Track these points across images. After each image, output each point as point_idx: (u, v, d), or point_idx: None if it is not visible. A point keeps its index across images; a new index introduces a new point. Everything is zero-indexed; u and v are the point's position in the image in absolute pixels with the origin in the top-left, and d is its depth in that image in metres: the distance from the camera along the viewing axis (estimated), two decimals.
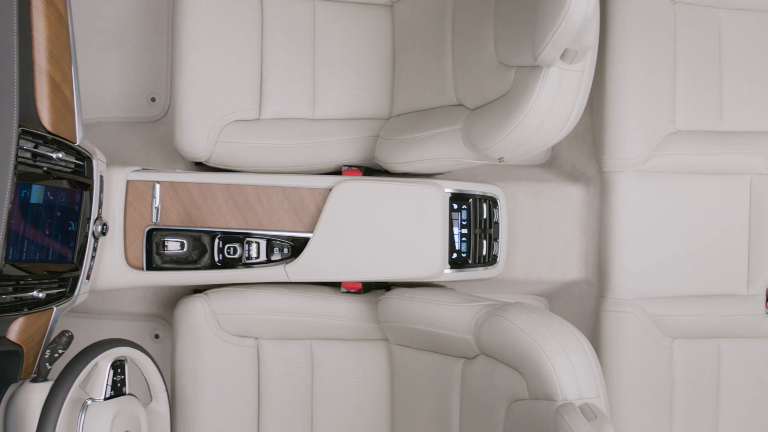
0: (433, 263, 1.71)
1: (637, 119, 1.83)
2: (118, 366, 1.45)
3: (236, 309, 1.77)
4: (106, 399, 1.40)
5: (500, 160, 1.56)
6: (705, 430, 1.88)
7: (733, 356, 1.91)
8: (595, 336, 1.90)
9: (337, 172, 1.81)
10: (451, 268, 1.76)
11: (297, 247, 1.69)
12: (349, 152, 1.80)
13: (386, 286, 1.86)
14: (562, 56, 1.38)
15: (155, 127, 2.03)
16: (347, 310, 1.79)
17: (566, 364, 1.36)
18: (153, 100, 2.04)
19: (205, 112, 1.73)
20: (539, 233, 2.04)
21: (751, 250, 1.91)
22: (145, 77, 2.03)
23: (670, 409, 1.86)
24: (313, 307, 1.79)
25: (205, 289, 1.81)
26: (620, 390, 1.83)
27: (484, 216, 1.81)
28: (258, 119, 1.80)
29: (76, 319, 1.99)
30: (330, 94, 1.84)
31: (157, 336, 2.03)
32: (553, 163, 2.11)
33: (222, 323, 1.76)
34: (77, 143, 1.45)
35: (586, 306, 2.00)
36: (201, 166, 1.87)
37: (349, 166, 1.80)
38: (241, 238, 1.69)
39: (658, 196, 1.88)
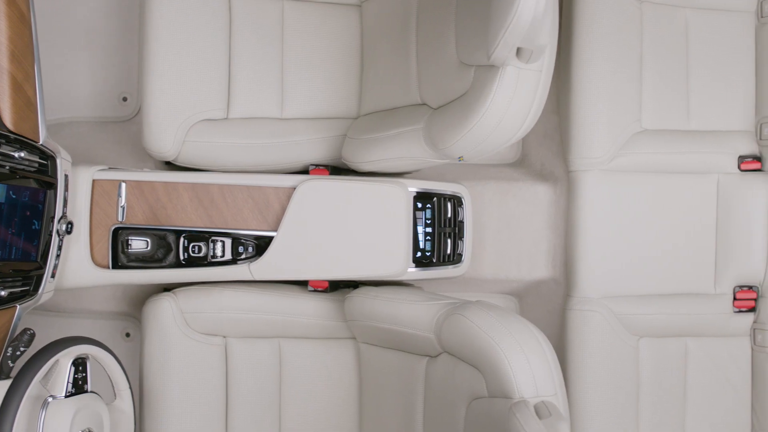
0: (397, 262, 1.71)
1: (603, 118, 1.84)
2: (79, 363, 1.46)
3: (204, 307, 1.77)
4: (66, 396, 1.41)
5: (460, 158, 1.56)
6: (672, 428, 1.89)
7: (700, 355, 1.91)
8: (561, 335, 1.90)
9: (305, 171, 1.81)
10: (416, 266, 1.77)
11: (262, 246, 1.70)
12: (316, 151, 1.81)
13: (354, 285, 1.86)
14: (519, 55, 1.39)
15: (126, 126, 2.04)
16: (314, 308, 1.80)
17: (523, 362, 1.37)
18: (124, 99, 2.05)
19: (172, 112, 1.74)
20: (507, 232, 2.04)
21: (718, 250, 1.91)
22: (116, 77, 2.04)
23: (636, 408, 1.87)
24: (280, 305, 1.80)
25: (174, 288, 1.82)
26: (586, 388, 1.83)
27: (449, 215, 1.81)
28: (226, 119, 1.80)
29: (47, 317, 2.00)
30: (298, 93, 1.84)
31: (128, 334, 2.04)
32: (523, 163, 2.11)
33: (189, 321, 1.77)
34: (40, 142, 1.46)
35: (555, 305, 2.00)
36: (171, 166, 1.88)
37: (316, 165, 1.80)
38: (206, 237, 1.70)
39: (625, 195, 1.88)
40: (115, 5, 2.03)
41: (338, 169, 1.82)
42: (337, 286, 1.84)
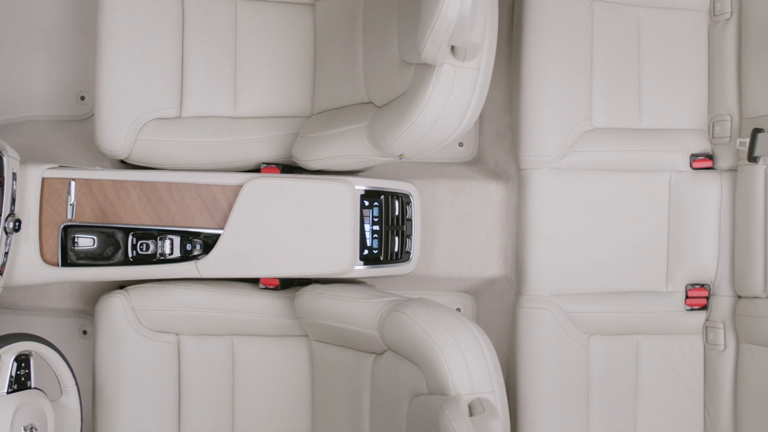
0: (343, 259, 1.72)
1: (552, 116, 1.84)
2: (22, 360, 1.47)
3: (156, 305, 1.78)
4: (8, 393, 1.42)
5: (400, 156, 1.57)
6: (623, 424, 1.89)
7: (652, 353, 1.91)
8: (512, 332, 1.91)
9: (258, 169, 1.82)
10: (364, 264, 1.78)
11: (210, 243, 1.71)
12: (269, 150, 1.81)
13: (306, 282, 1.87)
14: (455, 54, 1.40)
15: (84, 125, 2.05)
16: (265, 306, 1.81)
17: (459, 359, 1.37)
18: (82, 98, 2.06)
19: (124, 110, 1.75)
20: (459, 230, 2.05)
21: (670, 248, 1.91)
22: (74, 76, 2.05)
23: (587, 405, 1.87)
24: (232, 303, 1.80)
25: (129, 285, 1.83)
26: (537, 386, 1.84)
27: (396, 213, 1.82)
28: (179, 117, 1.81)
29: (2, 315, 2.01)
30: (251, 92, 1.85)
31: (85, 332, 2.05)
32: (479, 161, 2.12)
33: (141, 319, 1.78)
34: None
35: (508, 303, 2.01)
36: (128, 165, 1.89)
37: (268, 164, 1.81)
38: (154, 234, 1.71)
39: (575, 193, 1.88)
40: (73, 4, 2.04)
41: (290, 168, 1.83)
42: (289, 284, 1.85)
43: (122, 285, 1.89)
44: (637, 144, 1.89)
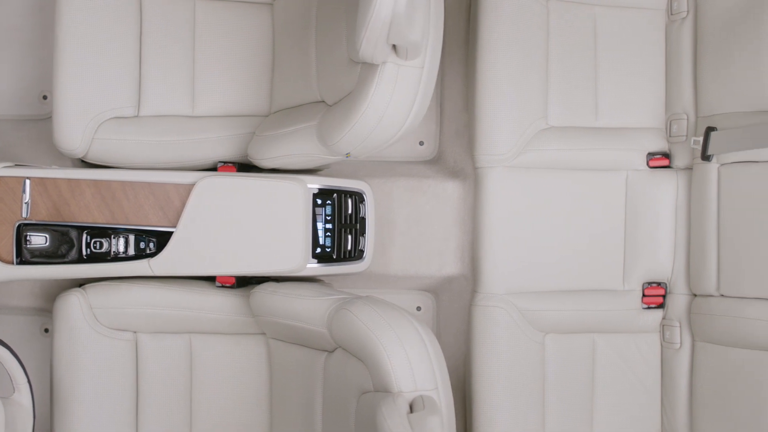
0: (295, 257, 1.73)
1: (507, 115, 1.85)
2: None
3: (112, 302, 1.79)
4: None
5: (347, 155, 1.58)
6: (579, 422, 1.90)
7: (608, 351, 1.91)
8: (468, 331, 1.91)
9: (216, 168, 1.83)
10: (318, 262, 1.78)
11: (163, 242, 1.72)
12: (226, 149, 1.82)
13: (264, 280, 1.88)
14: (398, 52, 1.41)
15: (45, 124, 2.06)
16: (222, 304, 1.82)
17: (402, 356, 1.38)
18: (44, 98, 2.07)
19: (81, 109, 1.76)
20: (416, 229, 2.06)
21: (627, 246, 1.92)
22: (36, 75, 2.06)
23: (542, 403, 1.87)
24: (189, 301, 1.81)
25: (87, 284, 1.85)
26: (492, 384, 1.84)
27: (349, 211, 1.83)
28: (137, 116, 1.82)
29: None
30: (210, 91, 1.86)
31: (47, 330, 2.06)
32: (439, 160, 2.12)
33: (99, 317, 1.79)
34: None
35: (466, 301, 2.01)
36: (87, 164, 1.90)
37: (225, 163, 1.82)
38: (108, 233, 1.72)
39: (530, 192, 1.89)
40: (34, 4, 2.05)
41: (248, 167, 1.84)
42: (246, 282, 1.86)
43: (82, 283, 1.90)
44: (593, 143, 1.89)
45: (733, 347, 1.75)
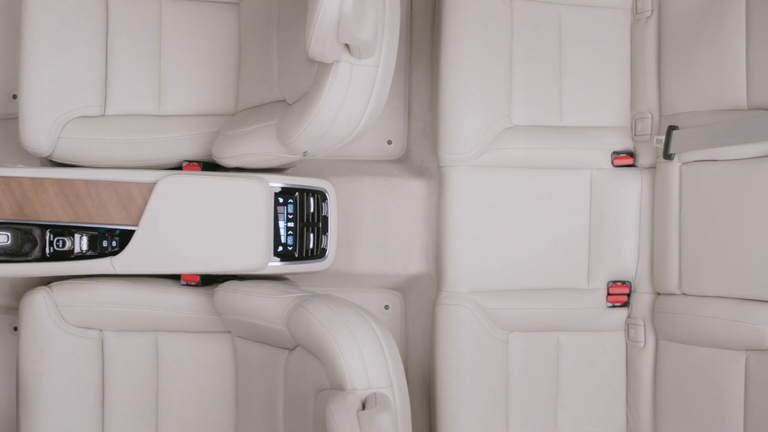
0: (256, 256, 1.74)
1: (470, 114, 1.85)
2: None
3: (78, 301, 1.80)
4: None
5: (304, 154, 1.59)
6: (543, 420, 1.90)
7: (573, 349, 1.92)
8: (432, 329, 1.92)
9: (181, 167, 1.84)
10: (281, 261, 1.79)
11: (126, 240, 1.73)
12: (192, 147, 1.83)
13: (229, 279, 1.88)
14: (351, 52, 1.41)
15: (15, 123, 2.06)
16: (187, 302, 1.83)
17: (356, 354, 1.39)
18: (14, 97, 2.08)
19: (46, 108, 1.77)
20: (382, 228, 2.06)
21: (591, 245, 1.92)
22: (5, 74, 2.07)
23: (506, 401, 1.88)
24: (154, 299, 1.82)
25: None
26: (455, 382, 1.84)
27: (311, 210, 1.84)
28: (103, 115, 1.84)
29: None
30: (176, 90, 1.87)
31: (15, 328, 2.07)
32: (407, 159, 2.13)
33: (64, 315, 1.80)
34: None
35: (431, 299, 2.01)
36: (56, 163, 1.91)
37: (190, 162, 1.83)
38: (71, 231, 1.72)
39: (494, 191, 1.89)
40: (3, 4, 2.06)
41: (213, 166, 1.84)
42: (212, 281, 1.87)
43: (49, 281, 1.91)
44: (557, 141, 1.90)
45: (694, 346, 1.75)
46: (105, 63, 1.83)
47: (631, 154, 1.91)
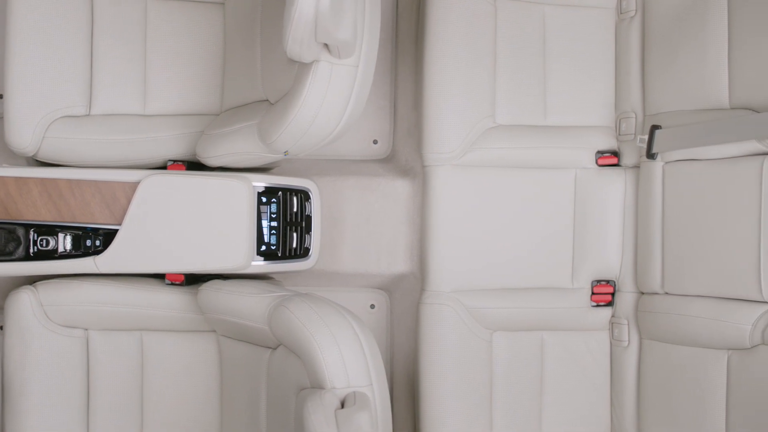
0: (239, 255, 1.74)
1: (454, 114, 1.85)
2: None
3: (63, 300, 1.81)
4: None
5: (285, 153, 1.59)
6: (528, 419, 1.90)
7: (557, 349, 1.92)
8: (416, 329, 1.92)
9: (166, 166, 1.85)
10: (264, 260, 1.80)
11: (110, 240, 1.73)
12: (177, 147, 1.84)
13: (213, 278, 1.88)
14: (331, 51, 1.42)
15: (0, 123, 2.07)
16: (172, 301, 1.83)
17: (335, 353, 1.40)
18: (0, 96, 2.09)
19: (31, 108, 1.78)
20: (366, 227, 2.06)
21: (575, 244, 1.92)
22: None
23: (490, 401, 1.88)
24: (139, 298, 1.83)
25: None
26: (439, 382, 1.84)
27: (295, 209, 1.84)
28: (88, 115, 1.84)
29: None
30: (161, 90, 1.87)
31: (1, 327, 2.07)
32: (392, 158, 2.13)
33: (50, 314, 1.80)
34: None
35: (416, 299, 2.02)
36: (41, 163, 1.91)
37: (175, 161, 1.84)
38: (55, 230, 1.73)
39: (478, 190, 1.89)
40: None
41: (198, 165, 1.85)
42: (196, 280, 1.87)
43: (35, 280, 1.91)
44: (541, 141, 1.90)
45: (677, 345, 1.75)
46: (90, 63, 1.83)
47: (615, 154, 1.92)
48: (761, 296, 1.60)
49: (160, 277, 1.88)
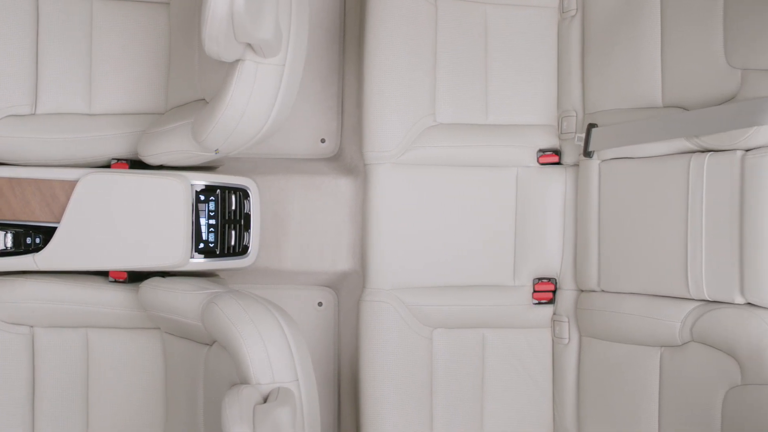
0: (177, 252, 1.75)
1: (393, 112, 1.86)
2: None
3: (7, 297, 1.82)
4: None
5: (216, 151, 1.61)
6: (469, 417, 1.91)
7: (498, 346, 1.93)
8: (356, 326, 1.93)
9: (110, 165, 1.86)
10: (204, 257, 1.81)
11: (50, 237, 1.75)
12: (121, 146, 1.85)
13: (159, 275, 1.90)
14: (255, 50, 1.43)
15: None
16: (115, 298, 1.84)
17: (260, 349, 1.41)
18: None
19: None
20: (310, 225, 2.08)
21: (517, 242, 1.93)
22: None
23: (431, 397, 1.89)
24: (83, 295, 1.84)
25: None
26: (379, 379, 1.85)
27: (233, 207, 1.85)
28: (33, 114, 1.86)
29: None
30: (106, 89, 1.89)
31: None
32: (339, 157, 2.14)
33: None
34: None
35: (359, 296, 2.03)
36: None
37: (118, 160, 1.85)
38: None
39: (419, 188, 1.90)
40: None
41: (142, 164, 1.86)
42: (139, 277, 1.88)
43: None
44: (482, 139, 1.91)
45: (614, 342, 1.76)
46: (35, 62, 1.85)
47: (556, 152, 1.93)
48: (689, 293, 1.61)
49: (104, 274, 1.90)
